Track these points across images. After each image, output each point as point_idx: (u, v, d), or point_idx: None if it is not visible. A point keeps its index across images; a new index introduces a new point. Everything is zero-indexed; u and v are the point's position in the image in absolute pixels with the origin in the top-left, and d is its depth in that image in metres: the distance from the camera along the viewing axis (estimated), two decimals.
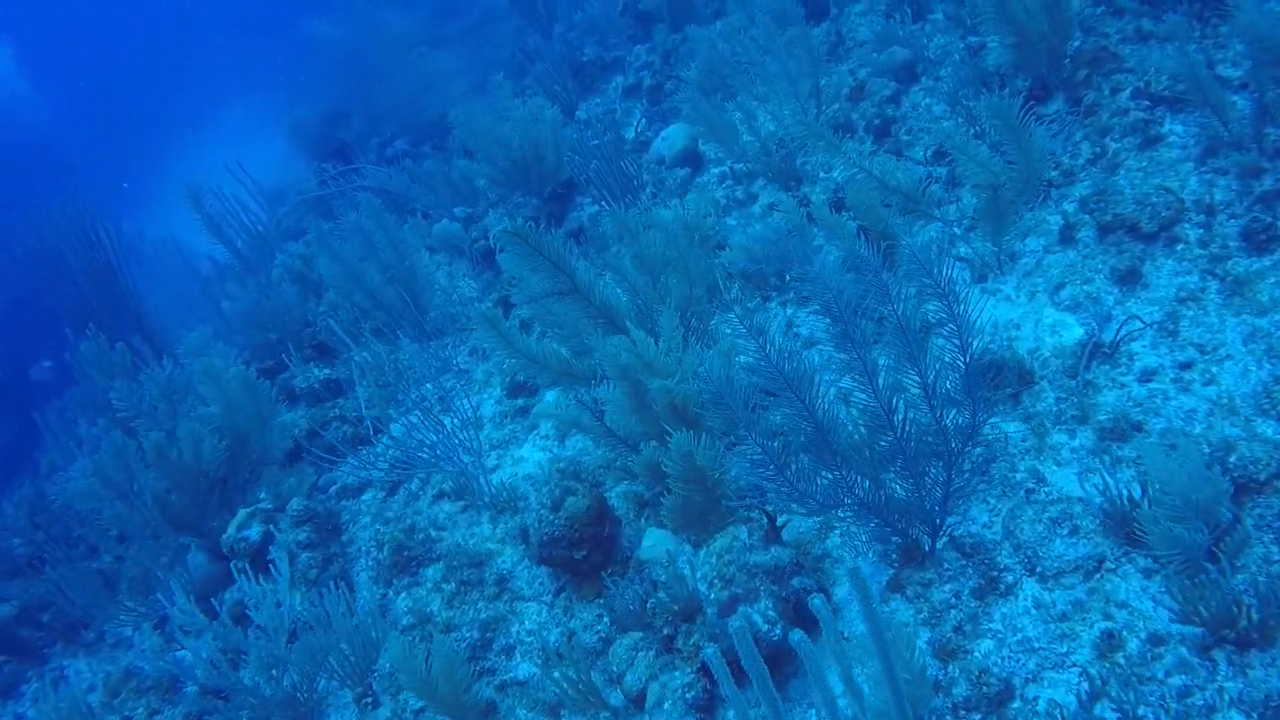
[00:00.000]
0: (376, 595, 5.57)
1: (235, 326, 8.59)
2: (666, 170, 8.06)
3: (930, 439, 3.78)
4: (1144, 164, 5.33)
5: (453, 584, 5.13)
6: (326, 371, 7.89)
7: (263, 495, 6.58)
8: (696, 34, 9.89)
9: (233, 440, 6.65)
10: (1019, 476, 4.08)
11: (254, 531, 5.99)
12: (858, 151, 5.41)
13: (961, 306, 3.86)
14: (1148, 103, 5.57)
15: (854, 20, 8.68)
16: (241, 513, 6.14)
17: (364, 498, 6.64)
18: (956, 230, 5.76)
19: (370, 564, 5.82)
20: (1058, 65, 6.15)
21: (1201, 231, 4.67)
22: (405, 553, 5.58)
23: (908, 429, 3.64)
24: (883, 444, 4.47)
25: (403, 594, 5.42)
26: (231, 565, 5.79)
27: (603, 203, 7.70)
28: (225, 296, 9.05)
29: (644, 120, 9.32)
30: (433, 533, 5.74)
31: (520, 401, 6.44)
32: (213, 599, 6.06)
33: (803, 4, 9.37)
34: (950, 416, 3.75)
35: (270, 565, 5.76)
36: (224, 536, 6.01)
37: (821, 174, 7.08)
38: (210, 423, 6.52)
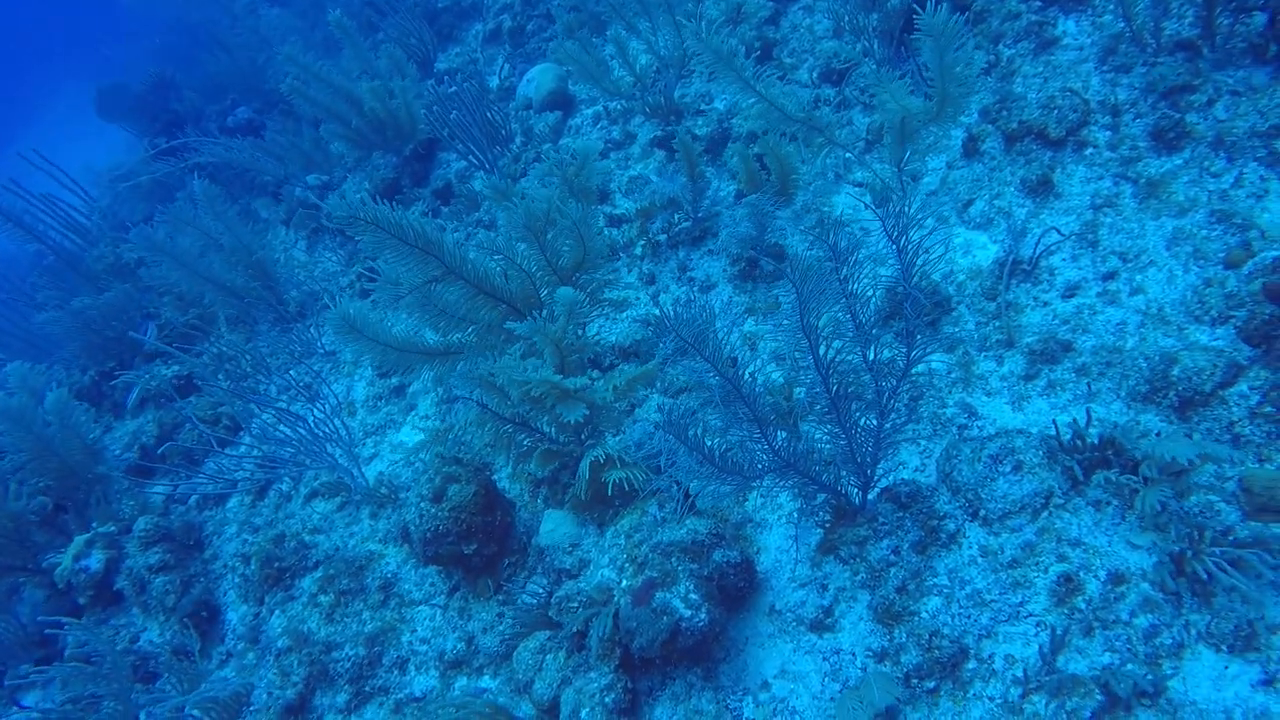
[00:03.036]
0: (247, 616, 4.89)
1: (56, 335, 7.58)
2: (536, 115, 7.41)
3: (852, 381, 3.36)
4: (1040, 69, 5.00)
5: (331, 595, 4.50)
6: (175, 368, 7.02)
7: (95, 523, 5.76)
8: None
9: (57, 474, 5.79)
10: (949, 412, 3.71)
11: (94, 560, 5.20)
12: (751, 75, 4.89)
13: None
14: (1039, 3, 5.25)
15: None
16: (77, 541, 5.33)
17: (229, 505, 5.89)
18: (849, 155, 5.36)
19: (238, 580, 5.12)
20: None
21: (1110, 134, 4.37)
22: (276, 564, 4.91)
23: (832, 371, 3.18)
24: (799, 392, 4.05)
25: (276, 612, 4.75)
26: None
27: (469, 157, 7.03)
28: (37, 307, 8.00)
29: (507, 66, 8.62)
30: (306, 538, 5.07)
31: (395, 381, 5.78)
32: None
33: None
34: (873, 353, 3.33)
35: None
36: (58, 571, 5.19)
37: (703, 105, 6.58)
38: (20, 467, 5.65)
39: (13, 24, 27.49)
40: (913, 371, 3.69)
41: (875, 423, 3.27)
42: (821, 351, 3.15)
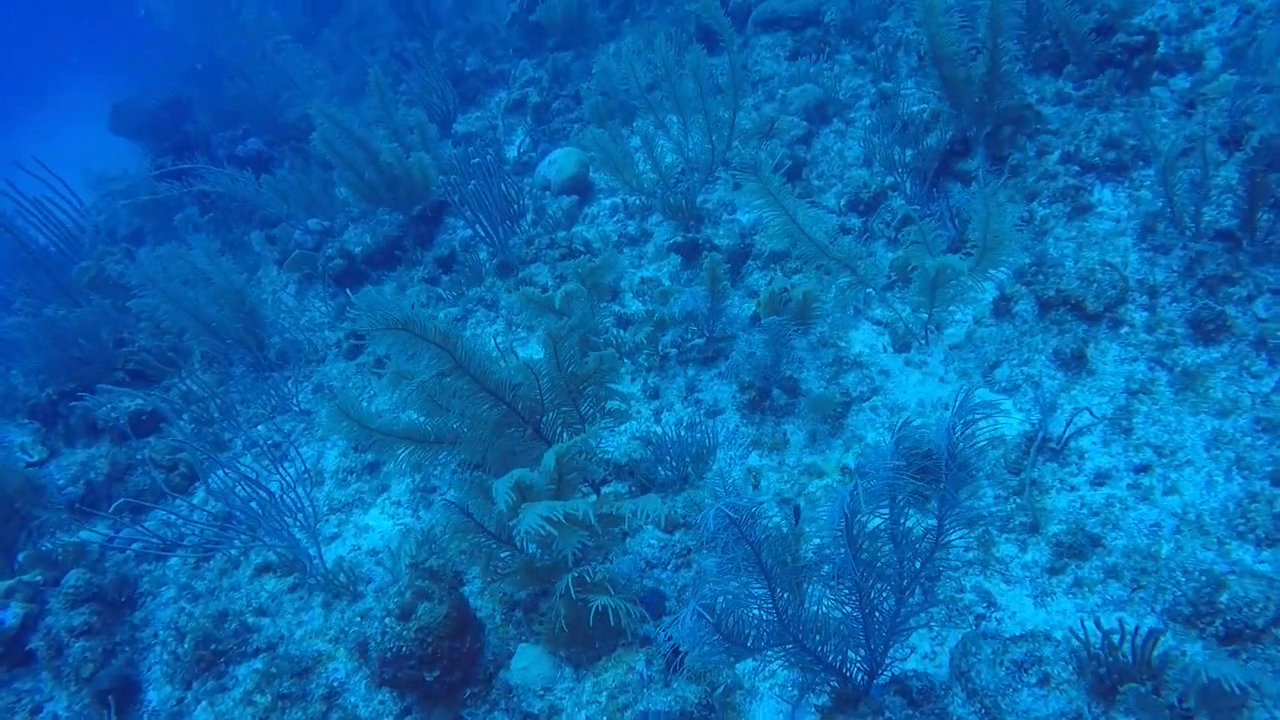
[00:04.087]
0: (170, 700, 4.47)
1: (22, 343, 7.20)
2: (552, 197, 7.26)
3: (866, 547, 3.11)
4: (1074, 234, 4.92)
5: (268, 696, 4.11)
6: (138, 402, 6.66)
7: (22, 555, 5.34)
8: (592, 53, 9.26)
9: None
10: (966, 598, 3.47)
11: (11, 614, 4.78)
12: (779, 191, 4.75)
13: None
14: (1077, 168, 5.19)
15: (759, 53, 8.18)
16: None
17: (171, 562, 5.49)
18: (870, 290, 5.22)
19: (167, 656, 4.70)
20: (982, 121, 5.74)
21: (1147, 314, 4.25)
22: (213, 646, 4.52)
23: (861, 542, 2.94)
24: (807, 547, 3.79)
25: (204, 702, 4.34)
26: None
27: (477, 226, 6.83)
28: (12, 311, 7.65)
29: (528, 140, 8.52)
30: (250, 619, 4.69)
31: (370, 457, 5.46)
32: None
33: (704, 33, 8.88)
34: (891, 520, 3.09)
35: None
36: None
37: (725, 215, 6.45)
38: None
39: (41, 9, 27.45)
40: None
41: (893, 604, 3.02)
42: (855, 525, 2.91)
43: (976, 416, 3.28)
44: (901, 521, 3.08)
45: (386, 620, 3.60)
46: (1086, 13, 5.79)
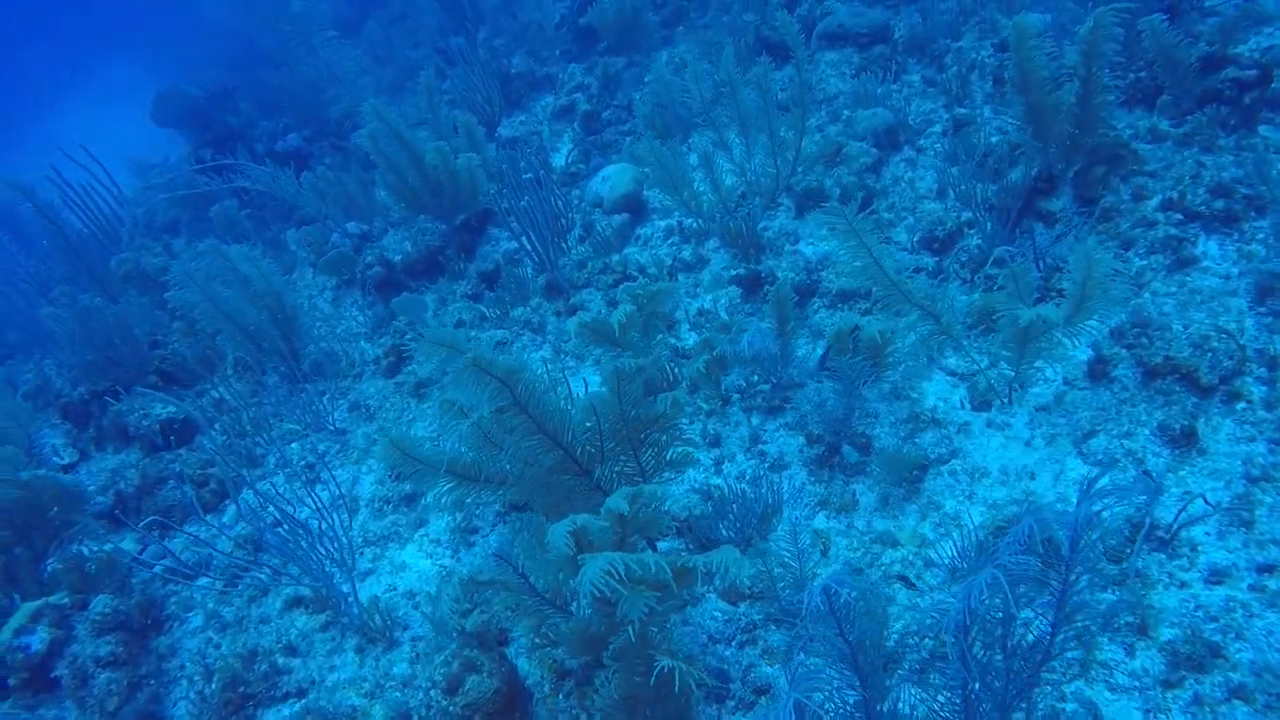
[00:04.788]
0: None
1: (57, 335, 7.00)
2: (604, 215, 6.96)
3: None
4: (1175, 289, 4.58)
5: None
6: (170, 409, 6.43)
7: (50, 563, 5.12)
8: (644, 60, 8.97)
9: (23, 513, 5.19)
10: (1069, 708, 3.16)
11: (37, 639, 4.56)
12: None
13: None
14: (1180, 216, 4.84)
15: (824, 70, 7.84)
16: (24, 609, 4.69)
17: (199, 583, 5.27)
18: (945, 337, 4.88)
19: (194, 695, 4.47)
20: (1071, 157, 5.40)
21: (1266, 390, 3.90)
22: (241, 688, 4.28)
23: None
24: (892, 631, 3.50)
25: None
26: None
27: (523, 239, 6.53)
28: (50, 300, 7.46)
29: (576, 150, 8.22)
30: (280, 659, 4.45)
31: (408, 487, 5.20)
32: None
33: (764, 45, 8.55)
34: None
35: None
36: None
37: (788, 245, 6.14)
38: None
39: None
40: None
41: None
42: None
43: (1110, 502, 2.97)
44: (1013, 628, 2.78)
45: (432, 693, 3.34)
46: (1194, 43, 5.42)
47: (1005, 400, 4.47)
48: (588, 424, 3.91)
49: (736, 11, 9.02)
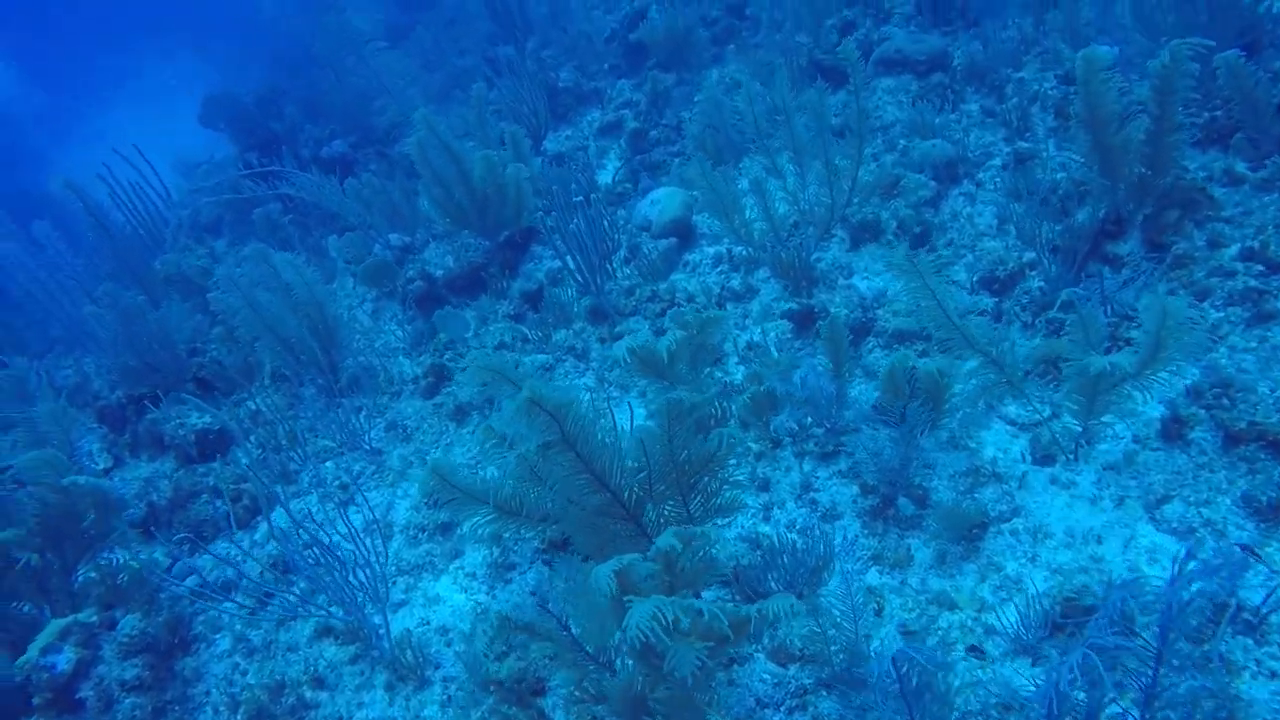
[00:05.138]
0: None
1: (102, 340, 6.97)
2: (651, 239, 6.82)
3: None
4: (1254, 345, 4.35)
5: None
6: (206, 419, 6.38)
7: (81, 573, 5.05)
8: (694, 77, 8.83)
9: (59, 519, 5.13)
10: None
11: (64, 659, 4.49)
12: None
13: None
14: (1261, 268, 4.61)
15: (880, 97, 7.65)
16: (53, 626, 4.62)
17: (227, 605, 5.17)
18: (1005, 383, 4.68)
19: None
20: (1141, 199, 5.18)
21: None
22: None
23: None
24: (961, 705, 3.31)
25: None
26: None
27: (568, 258, 6.39)
28: (93, 299, 7.44)
29: (624, 169, 8.10)
30: (307, 693, 4.34)
31: (444, 515, 5.08)
32: None
33: (817, 69, 8.39)
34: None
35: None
36: (20, 660, 4.48)
37: (841, 279, 5.96)
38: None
39: None
40: None
41: None
42: None
43: (1203, 585, 2.78)
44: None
45: None
46: (1275, 82, 5.19)
47: (1070, 456, 4.26)
48: (636, 464, 3.77)
49: (789, 32, 8.86)
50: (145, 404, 6.74)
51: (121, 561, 5.17)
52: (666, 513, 3.90)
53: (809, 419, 4.71)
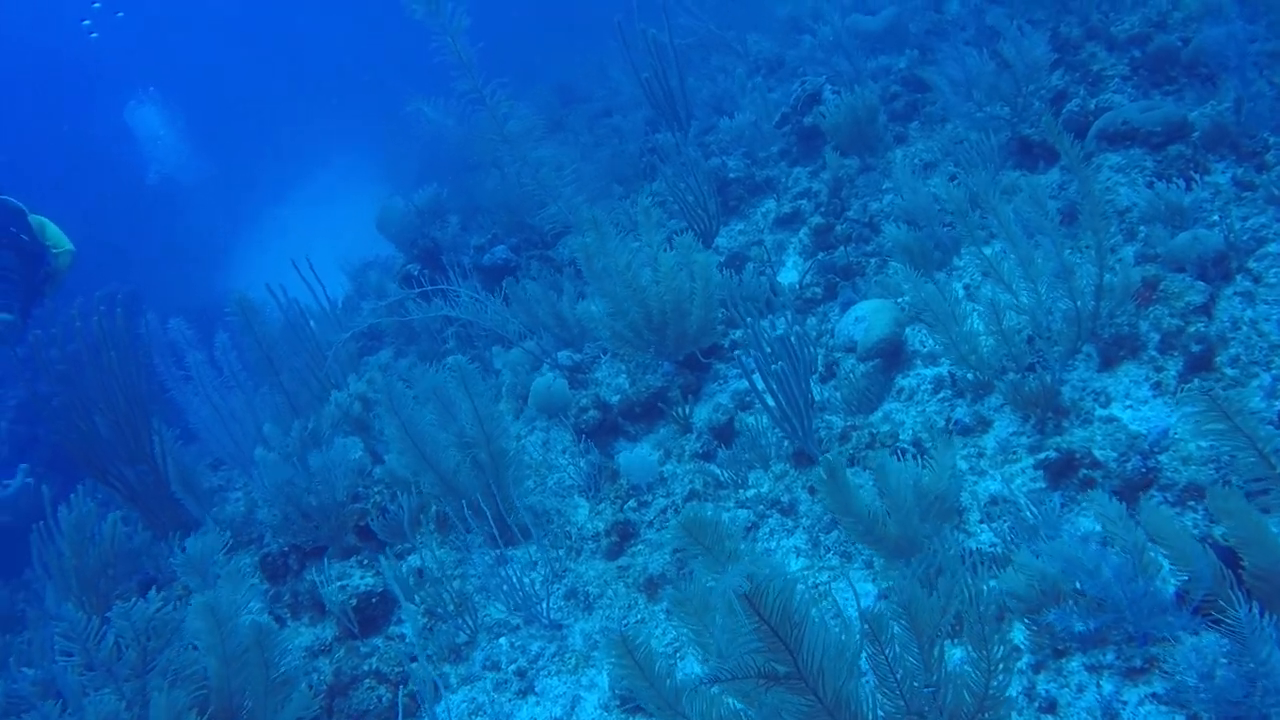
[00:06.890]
0: None
1: (266, 489, 6.63)
2: (859, 361, 5.92)
3: None
4: None
5: None
6: (370, 580, 5.87)
7: None
8: (877, 162, 7.96)
9: (221, 709, 4.64)
10: None
11: None
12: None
13: None
14: None
15: (1108, 175, 6.54)
16: None
17: None
18: None
19: None
20: None
21: None
22: None
23: None
24: None
25: None
26: None
27: (767, 398, 5.56)
28: (260, 441, 7.19)
29: (812, 270, 7.26)
30: None
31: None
32: None
33: (1020, 144, 7.37)
34: None
35: None
36: None
37: (1097, 408, 4.89)
38: (198, 686, 4.55)
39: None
40: None
41: None
42: None
43: None
44: None
45: None
46: None
47: None
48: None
49: (979, 101, 7.87)
50: (306, 556, 6.33)
51: None
52: None
53: (1103, 624, 3.66)
